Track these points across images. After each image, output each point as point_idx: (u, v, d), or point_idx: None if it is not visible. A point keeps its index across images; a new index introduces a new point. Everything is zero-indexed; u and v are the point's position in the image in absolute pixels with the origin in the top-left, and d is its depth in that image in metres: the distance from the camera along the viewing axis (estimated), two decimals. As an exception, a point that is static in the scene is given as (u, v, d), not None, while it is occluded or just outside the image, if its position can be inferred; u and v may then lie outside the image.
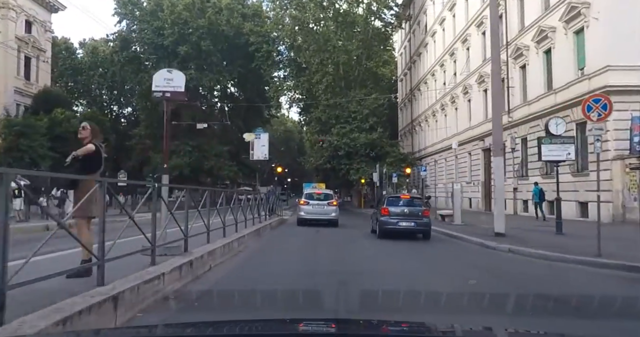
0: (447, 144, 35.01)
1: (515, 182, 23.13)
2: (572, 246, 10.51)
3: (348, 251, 11.62)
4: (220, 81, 45.24)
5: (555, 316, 5.06)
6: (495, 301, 5.72)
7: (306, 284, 6.79)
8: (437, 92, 38.27)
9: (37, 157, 33.76)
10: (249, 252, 10.98)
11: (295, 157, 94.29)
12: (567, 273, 8.46)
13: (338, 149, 39.67)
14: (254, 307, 5.35)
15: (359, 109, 41.03)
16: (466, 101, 31.21)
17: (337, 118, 41.43)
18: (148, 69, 45.99)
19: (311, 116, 42.51)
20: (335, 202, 19.96)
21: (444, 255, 11.14)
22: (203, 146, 47.53)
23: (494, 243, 11.60)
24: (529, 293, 6.30)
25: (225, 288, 6.57)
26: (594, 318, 5.10)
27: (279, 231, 18.21)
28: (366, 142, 39.16)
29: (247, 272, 8.25)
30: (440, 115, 37.69)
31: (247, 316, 4.56)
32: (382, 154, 40.51)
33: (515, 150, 23.41)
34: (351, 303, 5.38)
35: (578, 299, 6.08)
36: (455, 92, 33.28)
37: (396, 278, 7.67)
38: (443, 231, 15.90)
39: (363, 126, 40.39)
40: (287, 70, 46.16)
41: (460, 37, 31.62)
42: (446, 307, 5.50)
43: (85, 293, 4.47)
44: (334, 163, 40.64)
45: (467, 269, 8.96)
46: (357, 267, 8.67)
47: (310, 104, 43.90)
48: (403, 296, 5.89)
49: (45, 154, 34.51)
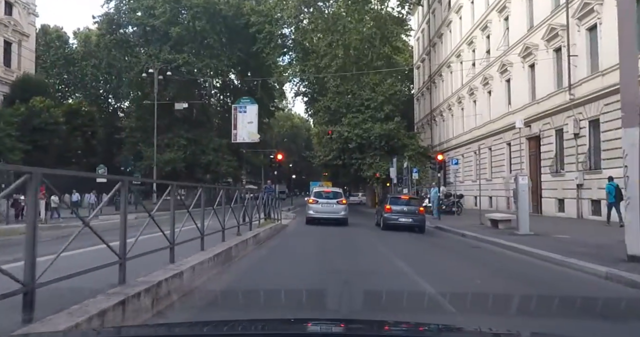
0: (477, 135, 30.18)
1: (581, 177, 18.29)
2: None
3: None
4: (217, 67, 40.51)
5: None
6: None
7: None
8: (463, 75, 33.46)
9: (4, 150, 29.41)
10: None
11: (301, 153, 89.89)
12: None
13: (349, 141, 34.93)
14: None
15: (373, 96, 36.27)
16: (503, 82, 26.42)
17: (348, 106, 36.70)
18: (137, 54, 41.52)
19: (319, 105, 37.70)
20: (344, 200, 19.76)
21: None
22: (200, 139, 42.99)
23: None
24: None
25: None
26: None
27: (271, 249, 11.22)
28: (381, 134, 34.39)
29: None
30: (468, 102, 32.87)
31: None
32: (399, 147, 35.75)
33: (580, 136, 18.55)
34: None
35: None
36: (488, 72, 28.50)
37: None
38: (512, 245, 10.99)
39: (378, 115, 35.65)
40: (292, 54, 41.38)
41: (496, 5, 26.74)
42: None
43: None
44: (345, 158, 35.91)
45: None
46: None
47: (318, 92, 39.17)
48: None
49: (13, 146, 30.18)
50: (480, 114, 29.87)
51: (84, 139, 44.45)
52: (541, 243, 10.79)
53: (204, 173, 44.67)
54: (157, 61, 38.51)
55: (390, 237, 14.33)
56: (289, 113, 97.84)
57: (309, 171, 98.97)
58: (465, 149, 33.58)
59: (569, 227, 15.08)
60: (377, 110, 35.94)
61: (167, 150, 41.84)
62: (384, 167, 34.69)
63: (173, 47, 40.40)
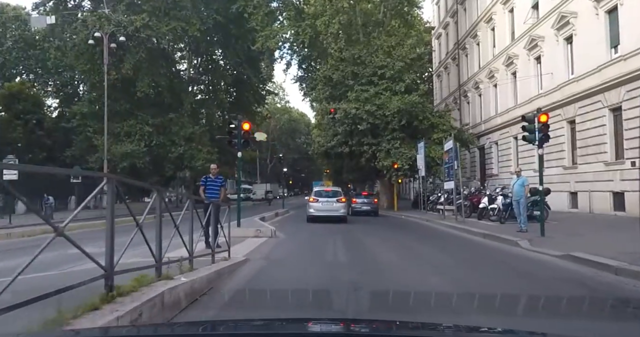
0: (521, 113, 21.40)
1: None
2: None
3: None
4: (188, 32, 31.56)
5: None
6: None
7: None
8: (508, 33, 24.58)
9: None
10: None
11: (299, 148, 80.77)
12: None
13: (358, 121, 26.02)
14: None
15: (388, 61, 27.30)
16: (560, 42, 17.94)
17: (355, 77, 27.79)
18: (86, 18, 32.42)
19: (316, 76, 28.54)
20: (343, 199, 20.16)
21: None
22: (169, 127, 34.15)
23: None
24: None
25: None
26: None
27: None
28: (401, 109, 25.45)
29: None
30: (505, 75, 24.15)
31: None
32: (424, 129, 26.86)
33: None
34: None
35: None
36: (536, 32, 20.18)
37: None
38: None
39: (396, 88, 26.73)
40: (282, 15, 32.31)
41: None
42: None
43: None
44: (353, 143, 26.99)
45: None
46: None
47: (316, 59, 30.20)
48: None
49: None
50: (527, 87, 21.05)
51: (27, 129, 35.86)
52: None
53: (176, 170, 35.81)
54: (107, 25, 29.69)
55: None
56: (286, 106, 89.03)
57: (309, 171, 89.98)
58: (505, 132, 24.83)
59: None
60: (394, 81, 27.00)
61: (126, 140, 33.05)
62: (406, 155, 25.79)
63: (129, 7, 31.59)
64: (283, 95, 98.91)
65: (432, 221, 19.04)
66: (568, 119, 19.34)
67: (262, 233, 13.06)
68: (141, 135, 33.18)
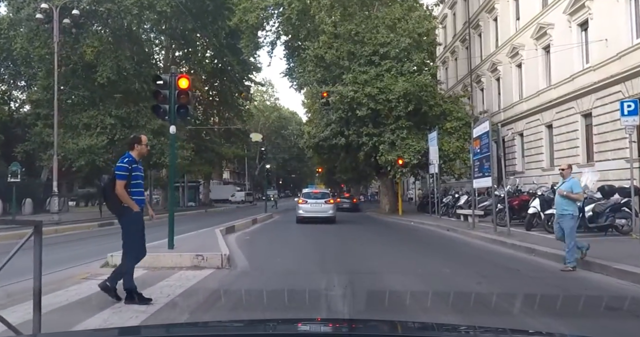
0: (556, 95, 17.06)
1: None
2: None
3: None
4: (155, 5, 26.86)
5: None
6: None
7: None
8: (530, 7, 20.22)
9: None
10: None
11: (290, 149, 75.91)
12: None
13: (356, 105, 21.45)
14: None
15: (392, 37, 22.78)
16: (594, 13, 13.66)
17: (351, 56, 23.24)
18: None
19: (306, 55, 23.84)
20: (331, 200, 20.28)
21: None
22: (135, 119, 29.41)
23: None
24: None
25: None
26: None
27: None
28: (409, 92, 20.91)
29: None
30: (534, 51, 19.82)
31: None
32: (434, 117, 22.41)
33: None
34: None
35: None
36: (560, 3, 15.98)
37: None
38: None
39: (402, 68, 22.22)
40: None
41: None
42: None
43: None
44: (350, 133, 22.43)
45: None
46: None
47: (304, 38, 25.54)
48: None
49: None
50: (557, 68, 16.65)
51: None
52: None
53: (145, 167, 31.03)
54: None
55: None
56: (276, 103, 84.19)
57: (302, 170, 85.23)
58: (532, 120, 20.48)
59: None
60: (399, 60, 22.49)
61: (85, 134, 28.33)
62: (413, 148, 21.29)
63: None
64: (272, 91, 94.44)
65: (457, 231, 14.52)
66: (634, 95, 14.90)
67: (205, 261, 7.85)
68: (102, 128, 28.45)
